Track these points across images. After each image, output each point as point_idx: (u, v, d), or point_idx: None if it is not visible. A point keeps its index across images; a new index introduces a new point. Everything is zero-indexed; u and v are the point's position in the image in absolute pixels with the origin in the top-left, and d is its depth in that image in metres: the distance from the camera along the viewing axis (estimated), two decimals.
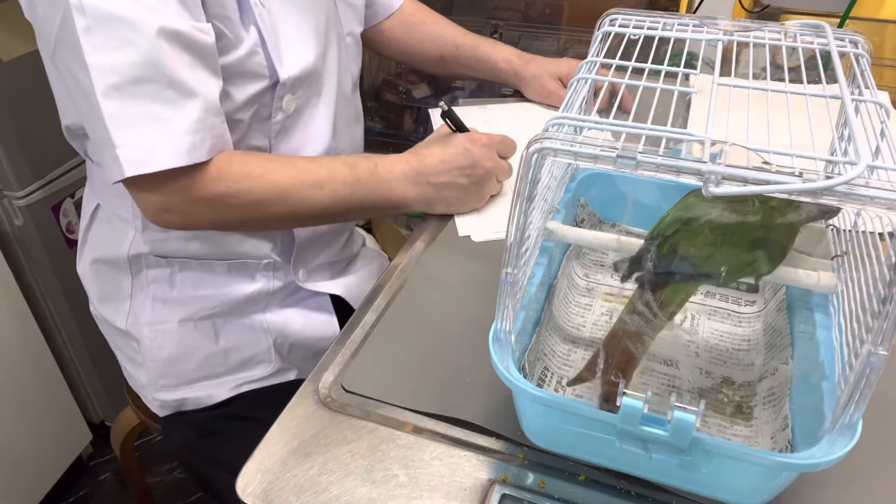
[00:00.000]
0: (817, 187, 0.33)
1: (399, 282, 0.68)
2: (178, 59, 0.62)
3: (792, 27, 0.51)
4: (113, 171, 0.63)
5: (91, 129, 0.66)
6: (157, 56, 0.61)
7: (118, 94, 0.61)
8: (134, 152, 0.62)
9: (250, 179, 0.68)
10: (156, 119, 0.62)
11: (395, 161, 0.76)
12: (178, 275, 0.80)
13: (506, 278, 0.43)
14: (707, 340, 0.59)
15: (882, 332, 0.36)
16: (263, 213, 0.71)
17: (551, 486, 0.48)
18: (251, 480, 0.49)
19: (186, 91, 0.63)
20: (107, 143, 0.62)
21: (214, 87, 0.66)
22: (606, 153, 0.37)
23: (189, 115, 0.63)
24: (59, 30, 0.61)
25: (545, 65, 1.00)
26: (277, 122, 0.76)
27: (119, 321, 0.84)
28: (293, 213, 0.72)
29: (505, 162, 0.79)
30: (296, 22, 0.76)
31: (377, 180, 0.74)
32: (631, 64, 0.49)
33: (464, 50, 1.03)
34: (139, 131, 0.62)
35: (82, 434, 1.46)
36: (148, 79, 0.61)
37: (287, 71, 0.73)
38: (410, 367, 0.58)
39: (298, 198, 0.71)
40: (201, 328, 0.81)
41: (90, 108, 0.62)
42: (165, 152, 0.63)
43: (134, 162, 0.62)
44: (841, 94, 0.42)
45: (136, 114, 0.62)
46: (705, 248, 0.46)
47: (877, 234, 0.45)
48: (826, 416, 0.41)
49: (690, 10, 1.32)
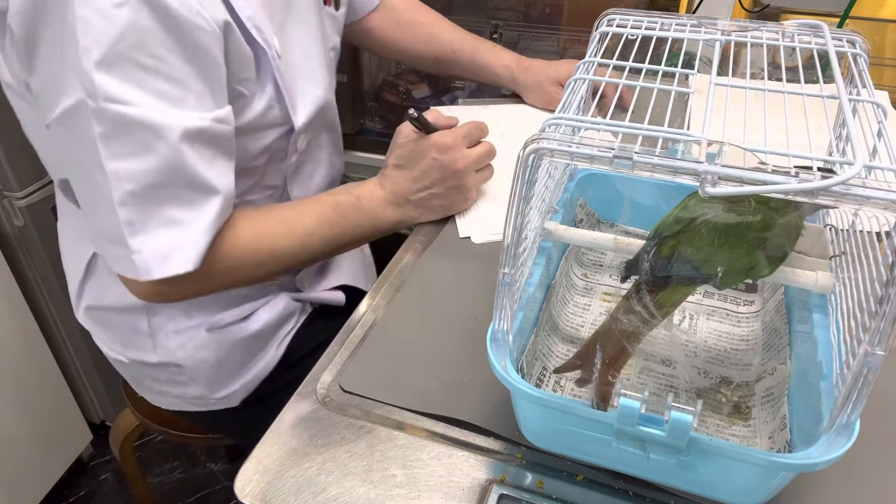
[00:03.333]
0: (814, 187, 0.33)
1: (398, 282, 0.68)
2: (198, 158, 0.60)
3: (790, 27, 0.51)
4: (122, 268, 0.61)
5: (100, 219, 0.62)
6: (179, 160, 0.58)
7: (136, 200, 0.58)
8: (150, 258, 0.60)
9: (245, 253, 0.67)
10: (174, 222, 0.60)
11: (374, 188, 0.75)
12: (195, 305, 0.79)
13: (503, 279, 0.43)
14: (705, 340, 0.59)
15: (879, 331, 0.36)
16: (257, 275, 0.71)
17: (549, 486, 0.48)
18: (249, 480, 0.49)
19: (207, 189, 0.61)
20: (119, 243, 0.60)
21: (231, 173, 0.64)
22: (603, 153, 0.37)
23: (208, 216, 0.61)
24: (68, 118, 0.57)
25: (544, 70, 0.99)
26: (293, 163, 0.77)
27: (149, 357, 0.81)
28: (287, 266, 0.73)
29: (478, 149, 0.76)
30: (308, 63, 0.75)
31: (362, 212, 0.74)
32: (629, 64, 0.49)
33: (461, 54, 1.01)
34: (156, 236, 0.60)
35: (82, 434, 1.46)
36: (168, 183, 0.59)
37: (301, 117, 0.73)
38: (409, 367, 0.58)
39: (291, 253, 0.71)
40: (232, 326, 0.81)
41: (103, 205, 0.59)
42: (182, 257, 0.61)
43: (149, 268, 0.60)
44: (838, 94, 0.42)
45: (155, 219, 0.59)
46: (704, 249, 0.46)
47: (874, 234, 0.45)
48: (824, 416, 0.41)
49: (690, 10, 1.32)
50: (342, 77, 1.63)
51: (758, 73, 0.49)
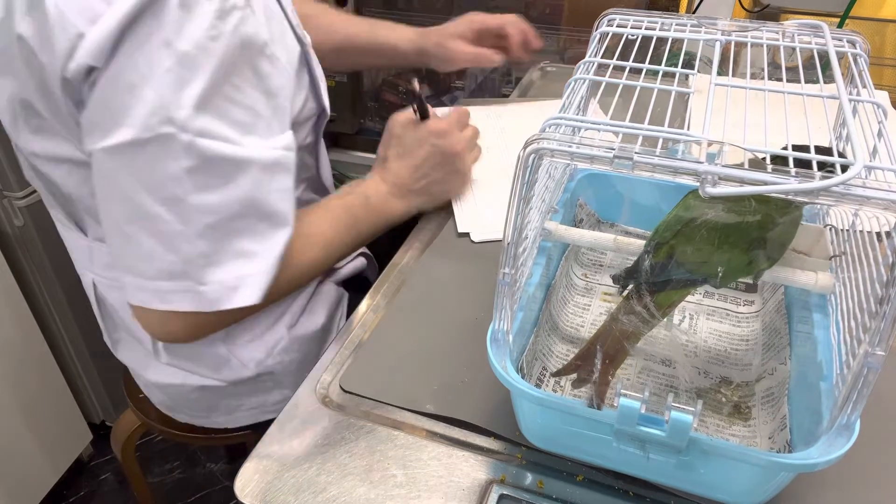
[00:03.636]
0: (814, 187, 0.33)
1: (398, 282, 0.68)
2: (273, 190, 0.60)
3: (790, 27, 0.51)
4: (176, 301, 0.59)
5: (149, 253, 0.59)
6: (257, 192, 0.59)
7: (212, 232, 0.58)
8: (219, 290, 0.59)
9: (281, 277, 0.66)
10: (245, 254, 0.60)
11: (377, 184, 0.76)
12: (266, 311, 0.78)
13: (503, 279, 0.43)
14: (705, 340, 0.59)
15: (879, 332, 0.36)
16: (284, 293, 0.72)
17: (549, 486, 0.48)
18: (249, 480, 0.49)
19: (277, 221, 0.61)
20: (179, 276, 0.59)
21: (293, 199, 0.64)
22: (603, 153, 0.37)
23: (276, 248, 0.62)
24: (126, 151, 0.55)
25: (443, 29, 0.96)
26: (321, 146, 0.77)
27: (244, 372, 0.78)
28: (312, 278, 0.74)
29: (467, 131, 0.79)
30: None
31: (373, 211, 0.75)
32: (629, 64, 0.49)
33: (358, 39, 0.97)
34: (227, 268, 0.59)
35: (82, 434, 1.46)
36: (244, 215, 0.59)
37: (326, 100, 0.73)
38: (409, 367, 0.58)
39: (316, 266, 0.72)
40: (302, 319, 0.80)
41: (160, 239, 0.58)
42: (250, 290, 0.60)
43: (217, 300, 0.59)
44: (838, 94, 0.42)
45: (228, 251, 0.59)
46: (703, 249, 0.46)
47: (874, 234, 0.45)
48: (824, 416, 0.41)
49: (690, 10, 1.32)
50: (342, 77, 1.63)
51: (758, 73, 0.49)
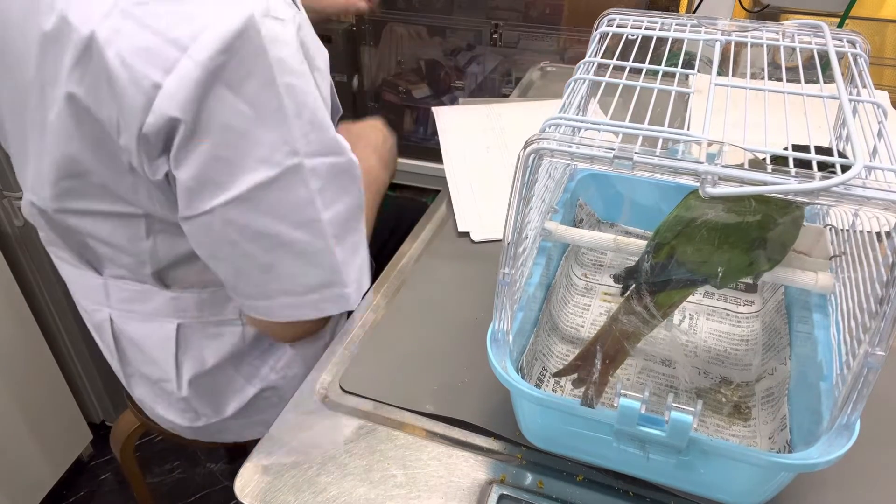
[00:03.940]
0: (814, 188, 0.33)
1: (398, 282, 0.68)
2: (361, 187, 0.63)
3: (790, 27, 0.51)
4: (326, 306, 0.63)
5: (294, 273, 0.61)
6: (361, 191, 0.62)
7: (341, 239, 0.61)
8: (355, 288, 0.63)
9: None
10: (356, 247, 0.64)
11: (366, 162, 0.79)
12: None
13: (503, 279, 0.43)
14: (705, 340, 0.59)
15: (880, 332, 0.36)
16: None
17: (549, 486, 0.48)
18: (249, 480, 0.49)
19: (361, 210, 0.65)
20: (325, 286, 0.62)
21: None
22: (603, 153, 0.37)
23: (364, 233, 0.65)
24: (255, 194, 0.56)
25: None
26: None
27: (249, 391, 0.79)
28: None
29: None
30: None
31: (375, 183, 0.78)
32: (629, 64, 0.49)
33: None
34: (353, 266, 0.63)
35: (82, 434, 1.46)
36: (356, 215, 0.63)
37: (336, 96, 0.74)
38: (409, 367, 0.58)
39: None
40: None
41: (302, 258, 0.60)
42: (366, 277, 0.64)
43: (355, 299, 0.63)
44: (838, 94, 0.42)
45: (350, 250, 0.63)
46: (703, 249, 0.46)
47: (874, 234, 0.45)
48: (824, 416, 0.41)
49: (690, 10, 1.32)
50: (342, 77, 1.63)
51: (758, 73, 0.49)
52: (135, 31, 0.50)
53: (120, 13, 0.50)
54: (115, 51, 0.50)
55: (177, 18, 0.50)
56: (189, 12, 0.50)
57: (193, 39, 0.49)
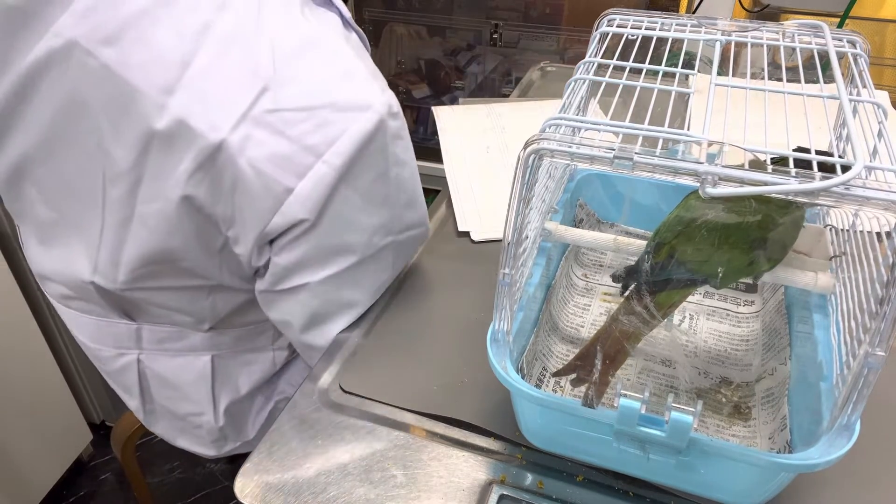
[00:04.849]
0: (814, 188, 0.33)
1: (397, 282, 0.68)
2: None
3: (790, 27, 0.51)
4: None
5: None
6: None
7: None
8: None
9: None
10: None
11: None
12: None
13: (503, 279, 0.43)
14: (705, 340, 0.59)
15: (880, 332, 0.36)
16: None
17: (549, 486, 0.48)
18: (249, 480, 0.49)
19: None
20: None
21: None
22: (603, 154, 0.36)
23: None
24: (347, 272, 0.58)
25: None
26: None
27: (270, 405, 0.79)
28: None
29: None
30: None
31: None
32: (629, 64, 0.49)
33: None
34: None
35: (82, 434, 1.46)
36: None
37: None
38: (409, 367, 0.58)
39: None
40: None
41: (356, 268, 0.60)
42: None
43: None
44: (838, 94, 0.42)
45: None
46: (703, 250, 0.46)
47: (874, 234, 0.45)
48: (824, 417, 0.41)
49: (690, 10, 1.32)
50: None
51: (758, 73, 0.49)
52: (267, 139, 0.50)
53: (252, 121, 0.49)
54: (246, 159, 0.49)
55: (311, 125, 0.50)
56: (323, 118, 0.50)
57: (329, 146, 0.50)
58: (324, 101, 0.50)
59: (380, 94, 0.52)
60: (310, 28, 0.54)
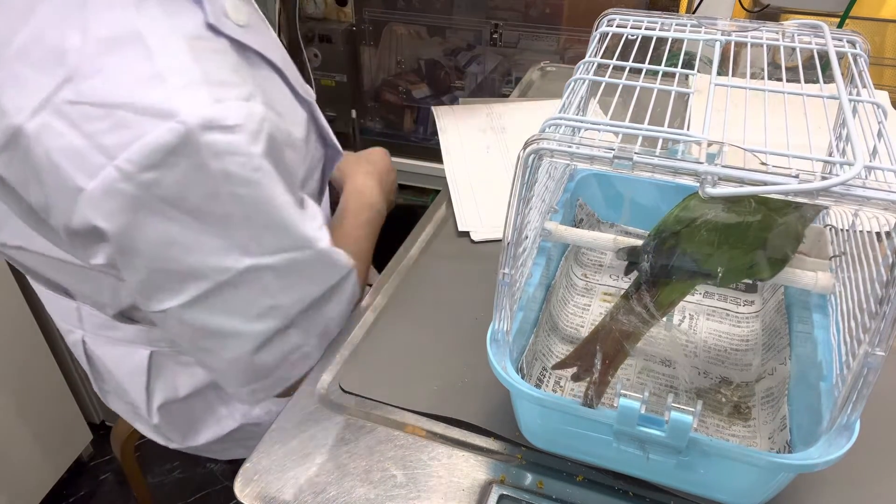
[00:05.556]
0: (814, 188, 0.33)
1: (397, 282, 0.68)
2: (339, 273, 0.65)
3: (790, 27, 0.51)
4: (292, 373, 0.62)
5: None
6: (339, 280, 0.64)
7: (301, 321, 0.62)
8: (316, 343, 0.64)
9: None
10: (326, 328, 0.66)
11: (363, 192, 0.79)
12: None
13: (503, 279, 0.43)
14: (705, 340, 0.59)
15: (879, 332, 0.36)
16: None
17: (549, 486, 0.48)
18: (249, 480, 0.49)
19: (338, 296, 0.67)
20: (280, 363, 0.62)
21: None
22: (603, 154, 0.36)
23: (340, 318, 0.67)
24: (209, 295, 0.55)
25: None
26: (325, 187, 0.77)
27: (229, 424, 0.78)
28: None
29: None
30: None
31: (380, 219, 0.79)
32: (629, 64, 0.49)
33: None
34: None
35: (82, 434, 1.46)
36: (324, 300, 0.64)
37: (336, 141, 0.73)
38: (409, 367, 0.58)
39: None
40: None
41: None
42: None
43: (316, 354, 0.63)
44: (838, 94, 0.42)
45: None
46: (704, 249, 0.46)
47: (874, 234, 0.45)
48: (824, 417, 0.41)
49: (690, 10, 1.32)
50: (342, 77, 1.63)
51: (758, 73, 0.49)
52: (66, 131, 0.47)
53: (52, 110, 0.47)
54: (43, 148, 0.47)
55: (107, 124, 0.47)
56: (121, 118, 0.47)
57: (122, 149, 0.46)
58: (123, 101, 0.47)
59: (196, 105, 0.47)
60: (134, 22, 0.49)
